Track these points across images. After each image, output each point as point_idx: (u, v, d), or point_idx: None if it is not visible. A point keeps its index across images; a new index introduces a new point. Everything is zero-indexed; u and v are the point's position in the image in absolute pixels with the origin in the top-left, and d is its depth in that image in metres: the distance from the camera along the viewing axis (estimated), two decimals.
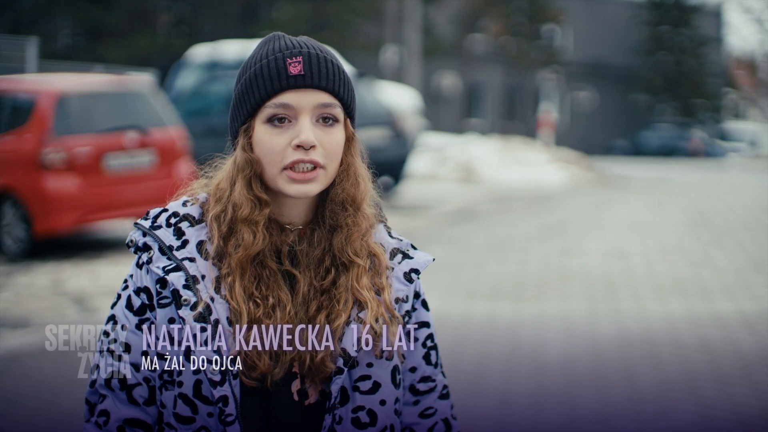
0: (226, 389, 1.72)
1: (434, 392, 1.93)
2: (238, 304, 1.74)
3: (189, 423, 1.75)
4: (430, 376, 1.93)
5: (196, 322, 1.73)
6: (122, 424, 1.78)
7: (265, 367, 1.74)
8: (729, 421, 5.45)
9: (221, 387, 1.72)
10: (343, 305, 1.79)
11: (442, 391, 1.95)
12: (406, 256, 1.89)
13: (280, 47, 1.79)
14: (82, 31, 32.18)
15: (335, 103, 1.78)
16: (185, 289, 1.74)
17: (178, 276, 1.75)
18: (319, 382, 1.78)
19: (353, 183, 1.83)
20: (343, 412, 1.79)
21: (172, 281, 1.74)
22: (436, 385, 1.94)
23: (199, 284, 1.75)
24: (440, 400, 1.94)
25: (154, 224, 1.81)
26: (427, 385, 1.93)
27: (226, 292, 1.75)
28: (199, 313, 1.73)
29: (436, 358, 1.94)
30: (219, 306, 1.75)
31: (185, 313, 1.73)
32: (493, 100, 41.74)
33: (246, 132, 1.79)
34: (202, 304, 1.73)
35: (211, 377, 1.72)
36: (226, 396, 1.72)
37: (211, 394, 1.74)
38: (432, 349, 1.93)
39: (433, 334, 1.94)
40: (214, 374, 1.72)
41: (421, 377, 1.92)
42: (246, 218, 1.77)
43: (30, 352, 6.59)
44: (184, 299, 1.74)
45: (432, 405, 1.93)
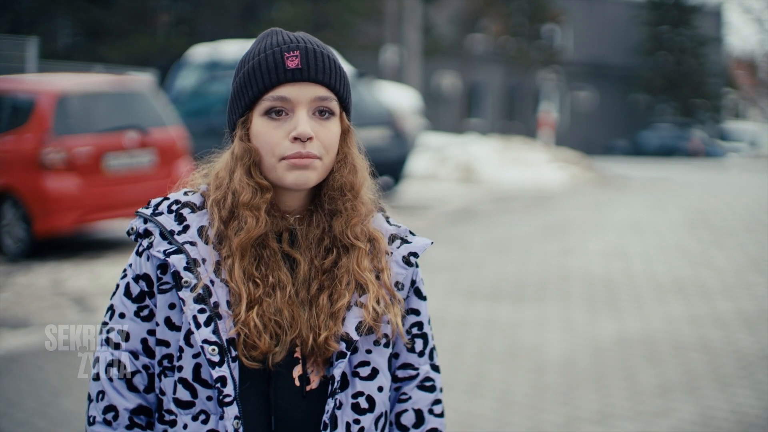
0: (225, 370, 1.73)
1: (413, 381, 1.93)
2: (237, 285, 1.76)
3: (189, 407, 1.76)
4: (411, 364, 1.92)
5: (195, 303, 1.74)
6: (131, 414, 1.80)
7: (265, 346, 1.74)
8: (729, 421, 5.45)
9: (219, 368, 1.73)
10: (345, 286, 1.81)
11: (423, 382, 1.93)
12: (405, 241, 1.91)
13: (277, 42, 1.82)
14: (82, 31, 32.20)
15: (331, 96, 1.81)
16: (186, 271, 1.75)
17: (179, 258, 1.76)
18: (321, 365, 1.79)
19: (351, 171, 1.86)
20: (343, 397, 1.80)
21: (173, 263, 1.76)
22: (418, 374, 1.93)
23: (200, 267, 1.77)
24: (418, 390, 1.93)
25: (155, 211, 1.82)
26: (406, 372, 1.92)
27: (226, 274, 1.77)
28: (199, 295, 1.74)
29: (423, 347, 1.93)
30: (219, 289, 1.76)
31: (185, 294, 1.74)
32: (493, 100, 41.74)
33: (244, 124, 1.82)
34: (201, 285, 1.75)
35: (209, 358, 1.72)
36: (225, 377, 1.73)
37: (210, 376, 1.74)
38: (418, 337, 1.93)
39: (423, 323, 1.93)
40: (212, 355, 1.72)
41: (401, 364, 1.92)
42: (247, 203, 1.78)
43: (30, 352, 6.59)
44: (184, 281, 1.75)
45: (407, 392, 1.92)
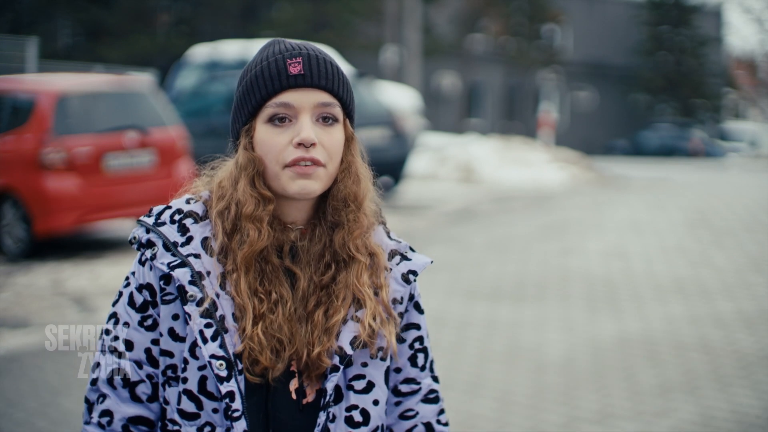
0: (233, 385, 1.72)
1: (417, 395, 1.93)
2: (243, 300, 1.75)
3: (194, 419, 1.76)
4: (414, 378, 1.93)
5: (202, 318, 1.73)
6: (126, 422, 1.79)
7: (267, 362, 1.74)
8: (729, 421, 5.45)
9: (228, 383, 1.72)
10: (342, 301, 1.80)
11: (427, 395, 1.94)
12: (405, 257, 1.90)
13: (280, 50, 1.82)
14: (82, 31, 32.20)
15: (334, 102, 1.80)
16: (191, 285, 1.75)
17: (184, 272, 1.75)
18: (316, 380, 1.79)
19: (354, 180, 1.85)
20: (336, 410, 1.80)
21: (178, 277, 1.75)
22: (421, 388, 1.94)
23: (205, 280, 1.76)
24: (423, 404, 1.94)
25: (157, 221, 1.81)
26: (410, 386, 1.93)
27: (232, 288, 1.76)
28: (205, 309, 1.74)
29: (424, 362, 1.94)
30: (224, 302, 1.76)
31: (191, 308, 1.74)
32: (493, 100, 41.74)
33: (247, 132, 1.81)
34: (207, 300, 1.74)
35: (217, 373, 1.72)
36: (233, 392, 1.72)
37: (217, 389, 1.74)
38: (420, 352, 1.93)
39: (423, 337, 1.94)
40: (220, 370, 1.72)
41: (404, 378, 1.93)
42: (250, 215, 1.78)
43: (30, 352, 6.59)
44: (190, 295, 1.74)
45: (413, 407, 1.93)
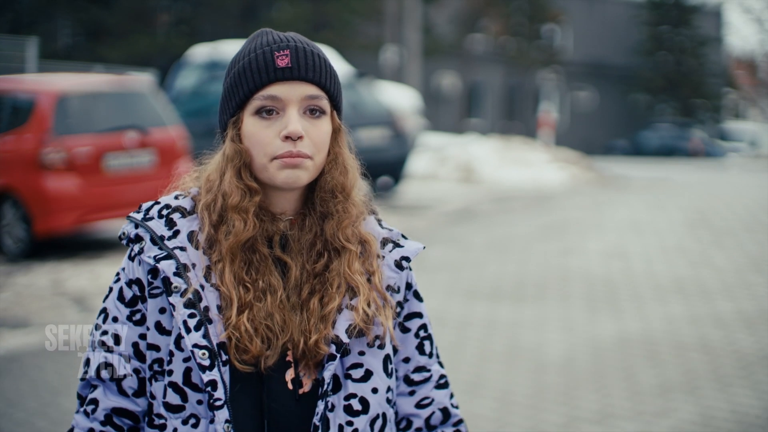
0: (215, 374, 1.73)
1: (430, 382, 1.95)
2: (228, 290, 1.76)
3: (179, 411, 1.76)
4: (424, 366, 1.95)
5: (185, 309, 1.74)
6: (110, 412, 1.81)
7: (257, 350, 1.74)
8: (729, 421, 5.45)
9: (210, 371, 1.73)
10: (336, 289, 1.81)
11: (438, 380, 1.96)
12: (397, 245, 1.91)
13: (267, 41, 1.82)
14: (82, 31, 32.20)
15: (322, 95, 1.81)
16: (176, 276, 1.76)
17: (169, 264, 1.77)
18: (313, 368, 1.79)
19: (342, 171, 1.86)
20: (335, 399, 1.80)
21: (163, 269, 1.76)
22: (432, 374, 1.95)
23: (190, 272, 1.77)
24: (437, 390, 1.96)
25: (146, 216, 1.83)
26: (421, 375, 1.94)
27: (217, 279, 1.77)
28: (189, 299, 1.74)
29: (431, 348, 1.96)
30: (209, 293, 1.77)
31: (175, 299, 1.75)
32: (493, 100, 41.74)
33: (235, 124, 1.83)
34: (191, 290, 1.75)
35: (200, 362, 1.72)
36: (215, 380, 1.73)
37: (200, 380, 1.75)
38: (425, 339, 1.95)
39: (427, 324, 1.95)
40: (203, 359, 1.72)
41: (415, 367, 1.94)
42: (236, 206, 1.79)
43: (30, 352, 6.59)
44: (174, 286, 1.75)
45: (428, 395, 1.95)
